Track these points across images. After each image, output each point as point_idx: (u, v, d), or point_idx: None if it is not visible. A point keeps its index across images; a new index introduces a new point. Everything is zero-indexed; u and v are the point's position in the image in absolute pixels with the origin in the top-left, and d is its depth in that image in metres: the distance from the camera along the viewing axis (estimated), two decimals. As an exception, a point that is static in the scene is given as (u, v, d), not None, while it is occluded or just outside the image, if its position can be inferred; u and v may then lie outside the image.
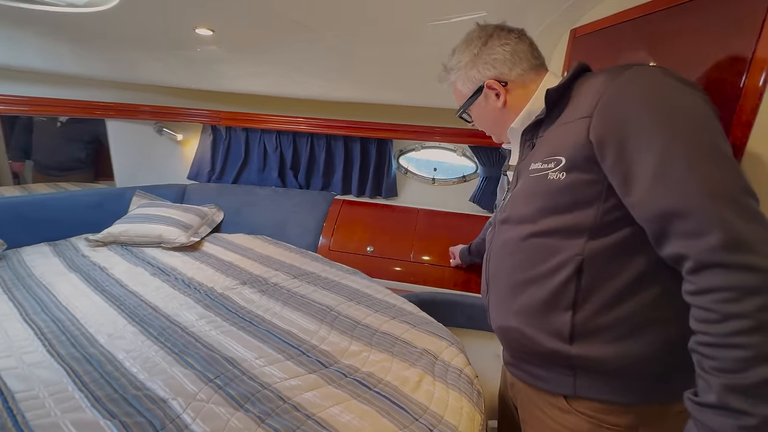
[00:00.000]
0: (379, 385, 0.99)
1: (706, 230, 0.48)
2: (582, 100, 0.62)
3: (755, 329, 0.45)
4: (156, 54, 1.83)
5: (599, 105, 0.58)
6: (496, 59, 0.73)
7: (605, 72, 0.62)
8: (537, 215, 0.66)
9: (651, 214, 0.53)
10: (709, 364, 0.49)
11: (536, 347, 0.68)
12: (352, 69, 1.77)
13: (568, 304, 0.63)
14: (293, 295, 1.47)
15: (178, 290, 1.45)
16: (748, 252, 0.46)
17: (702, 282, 0.49)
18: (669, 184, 0.51)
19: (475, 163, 2.33)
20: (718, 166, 0.50)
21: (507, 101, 0.75)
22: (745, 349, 0.46)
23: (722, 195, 0.48)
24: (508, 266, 0.72)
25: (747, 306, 0.46)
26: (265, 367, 1.03)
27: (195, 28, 1.49)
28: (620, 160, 0.55)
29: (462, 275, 1.98)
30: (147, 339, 1.12)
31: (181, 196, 2.38)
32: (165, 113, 2.32)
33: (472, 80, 0.76)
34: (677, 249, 0.51)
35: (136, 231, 1.86)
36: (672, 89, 0.55)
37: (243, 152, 2.45)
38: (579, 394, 0.66)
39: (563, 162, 0.62)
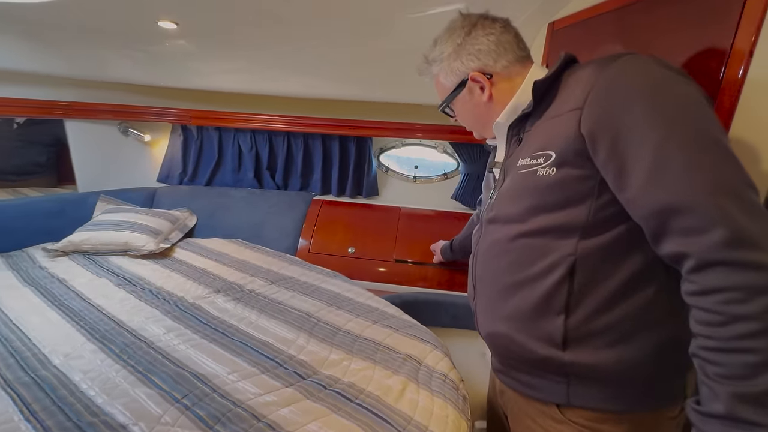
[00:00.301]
0: (361, 396, 0.94)
1: (708, 226, 0.45)
2: (571, 92, 0.59)
3: (764, 332, 0.42)
4: (119, 49, 1.71)
5: (590, 96, 0.55)
6: (480, 50, 0.69)
7: (594, 62, 0.59)
8: (526, 214, 0.63)
9: (648, 210, 0.50)
10: (714, 371, 0.46)
11: (527, 354, 0.65)
12: (330, 65, 1.71)
13: (560, 308, 0.60)
14: (270, 302, 1.39)
15: (145, 301, 1.35)
16: (753, 248, 0.43)
17: (705, 281, 0.46)
18: (667, 179, 0.48)
19: (457, 160, 2.30)
20: (718, 158, 0.47)
21: (492, 95, 0.71)
22: (754, 354, 0.43)
23: (724, 189, 0.45)
24: (497, 269, 0.69)
25: (755, 307, 0.43)
26: (238, 382, 0.96)
27: (157, 20, 1.39)
28: (614, 153, 0.52)
29: (445, 274, 1.95)
30: (108, 357, 1.03)
31: (151, 200, 2.26)
32: (131, 113, 2.19)
33: (456, 72, 0.72)
34: (678, 247, 0.48)
35: (100, 238, 1.74)
36: (665, 78, 0.52)
37: (216, 152, 2.34)
38: (572, 402, 0.64)
39: (553, 157, 0.58)
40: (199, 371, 1.00)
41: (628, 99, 0.52)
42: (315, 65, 1.73)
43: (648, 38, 0.90)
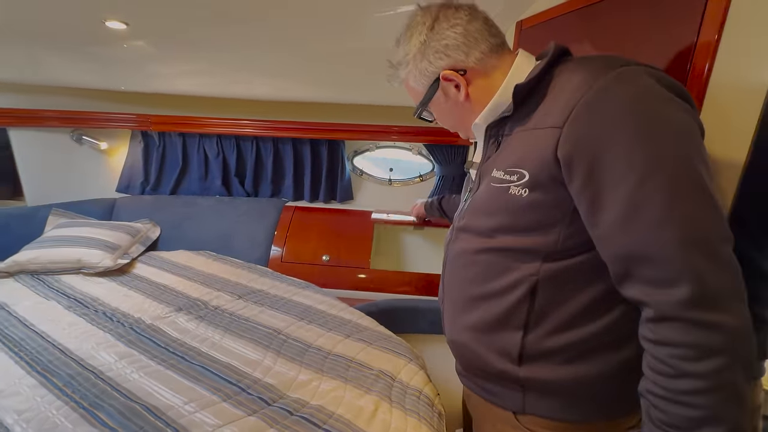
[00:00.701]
0: (330, 421, 0.88)
1: (674, 281, 0.44)
2: (556, 101, 0.53)
3: (710, 390, 0.43)
4: (64, 52, 1.58)
5: (572, 114, 0.49)
6: (448, 45, 0.61)
7: (586, 67, 0.52)
8: (494, 231, 0.61)
9: (617, 253, 0.49)
10: (657, 416, 0.47)
11: (484, 366, 0.65)
12: (298, 66, 1.64)
13: (519, 325, 0.59)
14: (236, 320, 1.31)
15: (97, 325, 1.24)
16: (714, 309, 0.43)
17: (662, 333, 0.46)
18: (640, 225, 0.46)
19: (432, 161, 2.27)
20: (698, 206, 0.45)
21: (470, 93, 0.64)
22: (699, 409, 0.44)
23: (698, 242, 0.44)
24: (463, 278, 0.67)
25: (705, 366, 0.43)
26: (195, 413, 0.88)
27: (104, 20, 1.28)
28: (589, 184, 0.49)
29: (423, 279, 1.91)
30: (49, 393, 0.93)
31: (110, 212, 2.12)
32: (84, 119, 2.05)
33: (425, 74, 0.64)
34: (640, 295, 0.48)
35: (49, 257, 1.61)
36: (659, 101, 0.47)
37: (181, 159, 2.22)
38: (528, 411, 0.63)
39: (526, 177, 0.55)
40: (151, 403, 0.91)
41: (611, 124, 0.47)
42: (283, 67, 1.65)
43: (614, 36, 0.89)
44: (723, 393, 0.43)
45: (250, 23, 1.28)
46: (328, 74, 1.70)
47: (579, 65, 0.55)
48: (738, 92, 0.67)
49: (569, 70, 0.55)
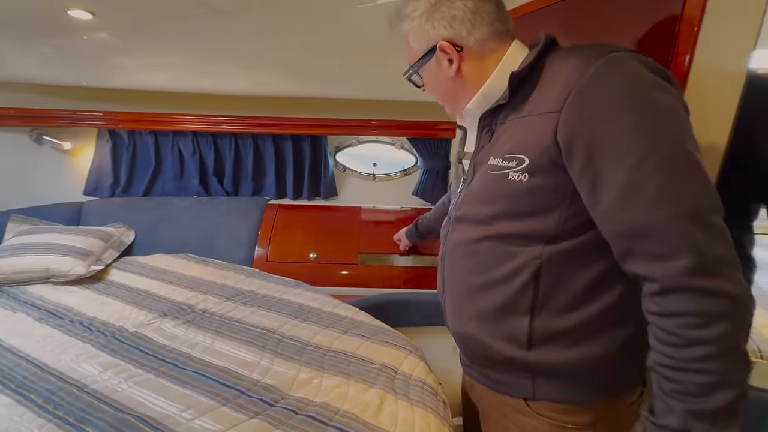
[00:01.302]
0: (336, 418, 0.86)
1: (674, 253, 0.46)
2: (550, 89, 0.54)
3: (719, 355, 0.45)
4: (23, 43, 1.46)
5: (569, 100, 0.51)
6: (455, 16, 0.61)
7: (578, 55, 0.54)
8: (494, 218, 0.61)
9: (618, 230, 0.51)
10: (670, 387, 0.48)
11: (494, 355, 0.66)
12: (275, 59, 1.59)
13: (525, 310, 0.60)
14: (227, 322, 1.26)
15: (75, 336, 1.16)
16: (715, 276, 0.45)
17: (668, 305, 0.48)
18: (639, 202, 0.48)
19: (415, 155, 2.27)
20: (692, 182, 0.47)
21: (462, 70, 0.64)
22: (710, 375, 0.45)
23: (694, 216, 0.46)
24: (463, 269, 0.67)
25: (712, 332, 0.45)
26: (194, 420, 0.84)
27: (67, 9, 1.19)
28: (589, 167, 0.50)
29: (411, 272, 1.92)
30: (28, 411, 0.86)
31: (77, 217, 1.98)
32: (44, 118, 1.90)
33: (426, 37, 0.64)
34: (643, 270, 0.49)
35: (13, 266, 1.49)
36: (650, 86, 0.49)
37: (153, 159, 2.11)
38: (538, 396, 0.65)
39: (526, 162, 0.56)
40: (144, 413, 0.86)
41: (608, 109, 0.49)
42: (257, 59, 1.60)
43: (599, 26, 0.92)
44: (730, 357, 0.45)
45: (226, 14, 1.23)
46: (305, 67, 1.66)
47: (570, 53, 0.56)
48: (718, 79, 0.70)
49: (560, 58, 0.56)
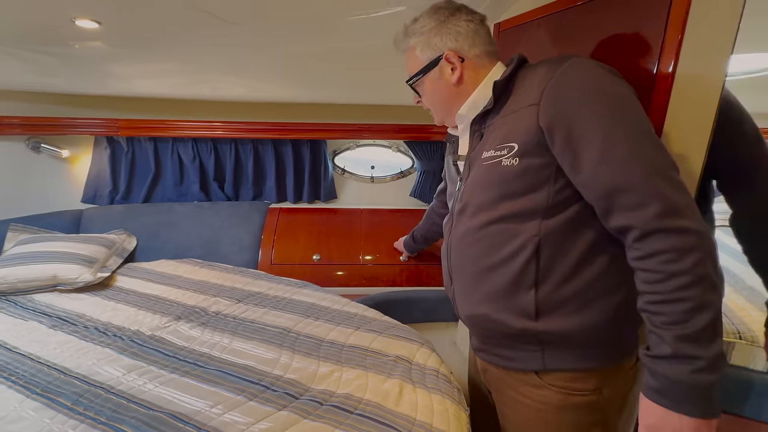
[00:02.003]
0: (360, 406, 0.91)
1: (647, 202, 0.55)
2: (528, 90, 0.65)
3: (694, 283, 0.52)
4: (26, 52, 1.46)
5: (545, 92, 0.62)
6: (460, 32, 0.73)
7: (546, 63, 0.66)
8: (493, 202, 0.69)
9: (599, 191, 0.59)
10: (659, 320, 0.55)
11: (505, 329, 0.72)
12: (273, 67, 1.63)
13: (530, 283, 0.67)
14: (241, 323, 1.30)
15: (92, 341, 1.18)
16: (681, 217, 0.54)
17: (647, 247, 0.55)
18: (614, 165, 0.57)
19: (411, 158, 2.34)
20: (653, 146, 0.57)
21: (462, 78, 0.75)
22: (688, 302, 0.52)
23: (658, 172, 0.56)
24: (471, 255, 0.73)
25: (686, 264, 0.53)
26: (224, 415, 0.88)
27: (74, 18, 1.21)
28: (568, 143, 0.60)
29: (413, 270, 1.98)
30: (58, 413, 0.88)
31: (77, 225, 1.97)
32: (42, 126, 1.89)
33: (433, 48, 0.75)
34: (623, 221, 0.58)
35: (20, 275, 1.48)
36: (607, 79, 0.61)
37: (153, 165, 2.12)
38: (548, 367, 0.71)
39: (516, 148, 0.65)
40: (175, 410, 0.89)
41: (580, 96, 0.60)
42: (257, 68, 1.64)
43: (586, 38, 0.99)
44: (704, 284, 0.52)
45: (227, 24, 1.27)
46: (302, 75, 1.71)
47: (539, 65, 0.68)
48: (700, 85, 0.77)
49: (532, 69, 0.69)
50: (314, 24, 1.27)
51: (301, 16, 1.21)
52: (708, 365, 0.52)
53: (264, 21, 1.24)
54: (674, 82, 0.81)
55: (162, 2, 1.09)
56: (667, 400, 0.54)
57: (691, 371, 0.52)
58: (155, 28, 1.32)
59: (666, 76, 0.81)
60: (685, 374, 0.53)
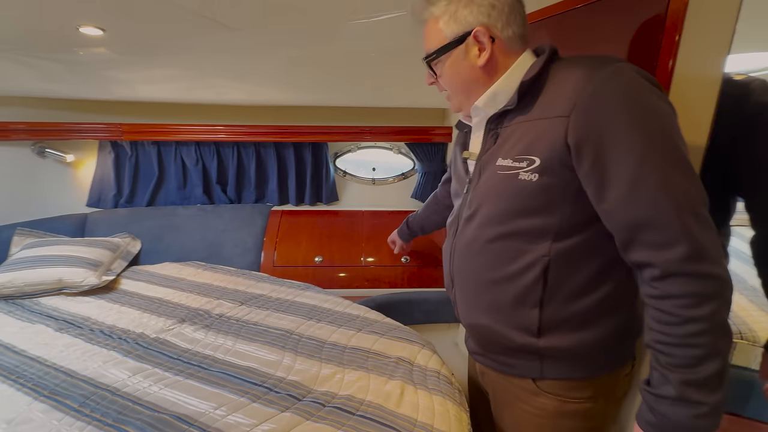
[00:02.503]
0: (362, 408, 0.92)
1: (673, 242, 0.52)
2: (558, 95, 0.59)
3: (709, 331, 0.52)
4: (31, 59, 1.48)
5: (578, 106, 0.56)
6: (495, 6, 0.63)
7: (583, 65, 0.59)
8: (505, 216, 0.65)
9: (623, 223, 0.56)
10: (666, 361, 0.54)
11: (507, 342, 0.71)
12: (275, 71, 1.65)
13: (535, 302, 0.66)
14: (245, 325, 1.31)
15: (97, 344, 1.19)
16: (706, 262, 0.51)
17: (666, 288, 0.53)
18: (643, 197, 0.53)
19: (413, 159, 2.35)
20: (685, 178, 0.53)
21: (490, 61, 0.65)
22: (700, 348, 0.52)
23: (688, 208, 0.52)
24: (476, 266, 0.72)
25: (704, 311, 0.51)
26: (228, 416, 0.89)
27: (78, 26, 1.23)
28: (596, 167, 0.56)
29: (414, 271, 1.99)
30: (65, 415, 0.90)
31: (82, 228, 2.00)
32: (47, 131, 1.91)
33: (461, 22, 0.64)
34: (644, 257, 0.55)
35: (26, 278, 1.50)
36: (646, 93, 0.55)
37: (156, 169, 2.14)
38: (546, 375, 0.71)
39: (537, 163, 0.60)
40: (180, 412, 0.91)
41: (613, 114, 0.54)
42: (259, 72, 1.65)
43: (588, 38, 1.00)
44: (718, 332, 0.52)
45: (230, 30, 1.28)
46: (304, 78, 1.72)
47: (575, 63, 0.61)
48: (698, 84, 0.77)
49: (565, 68, 0.61)
50: (316, 28, 1.28)
51: (302, 21, 1.22)
52: (711, 411, 0.52)
53: (266, 26, 1.26)
54: (672, 82, 0.82)
55: (165, 9, 1.11)
56: None
57: (694, 416, 0.52)
58: (158, 35, 1.34)
59: (664, 75, 0.81)
60: (686, 418, 0.53)
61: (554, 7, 1.09)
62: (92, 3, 1.05)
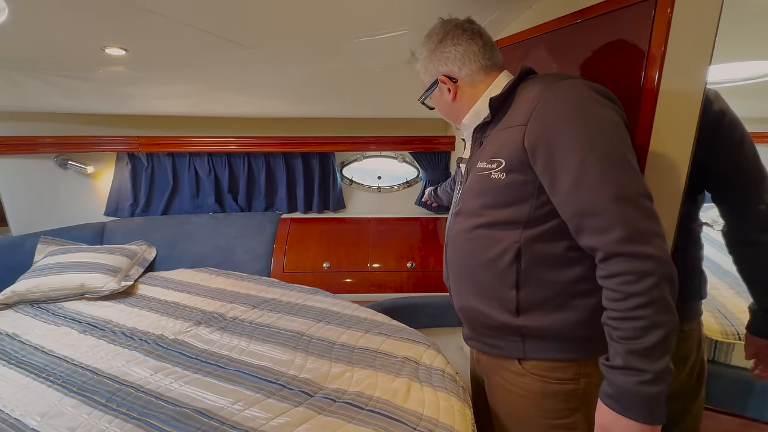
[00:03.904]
0: (371, 403, 0.98)
1: (611, 227, 0.60)
2: (521, 107, 0.70)
3: (648, 303, 0.58)
4: (48, 77, 1.58)
5: (533, 115, 0.67)
6: (448, 58, 0.80)
7: (542, 81, 0.71)
8: (481, 209, 0.76)
9: (571, 212, 0.65)
10: (616, 334, 0.61)
11: (491, 321, 0.79)
12: (284, 85, 1.73)
13: (512, 284, 0.74)
14: (257, 327, 1.38)
15: (120, 345, 1.26)
16: (643, 243, 0.58)
17: (609, 268, 0.61)
18: (585, 189, 0.62)
19: (417, 168, 2.42)
20: (623, 173, 0.61)
21: (457, 97, 0.82)
22: (642, 320, 0.58)
23: (626, 198, 0.60)
24: (463, 254, 0.81)
25: (642, 286, 0.58)
26: (245, 410, 0.95)
27: (104, 47, 1.33)
28: (548, 165, 0.65)
29: (419, 276, 2.04)
30: (94, 410, 0.96)
31: (100, 237, 2.08)
32: (71, 144, 2.02)
33: (430, 72, 0.83)
34: (590, 242, 0.63)
35: (51, 284, 1.59)
36: (591, 103, 0.64)
37: (171, 179, 2.23)
38: (528, 355, 0.77)
39: (503, 164, 0.71)
40: (200, 407, 0.97)
41: (561, 121, 0.64)
42: (267, 87, 1.74)
43: (578, 55, 1.06)
44: (657, 305, 0.57)
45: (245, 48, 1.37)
46: (311, 91, 1.81)
47: (536, 81, 0.72)
48: (682, 96, 0.83)
49: (529, 85, 0.73)
50: (323, 46, 1.37)
51: (311, 39, 1.31)
52: (654, 378, 0.57)
53: (277, 45, 1.35)
54: (659, 95, 0.88)
55: (186, 31, 1.20)
56: (617, 405, 0.61)
57: (638, 382, 0.58)
58: (176, 54, 1.44)
59: (651, 89, 0.87)
60: (632, 384, 0.58)
61: (548, 24, 1.16)
62: (122, 26, 1.13)
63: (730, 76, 1.28)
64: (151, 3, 0.99)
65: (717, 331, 1.38)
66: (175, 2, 0.99)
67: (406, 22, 1.18)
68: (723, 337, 1.37)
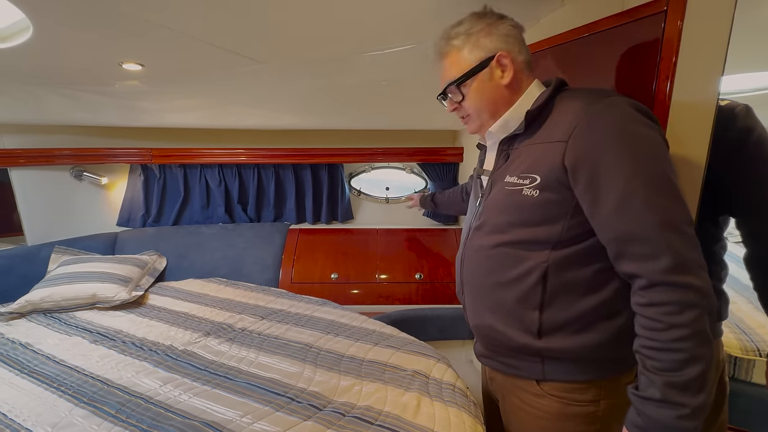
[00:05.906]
0: (381, 418, 0.96)
1: (657, 254, 0.58)
2: (559, 122, 0.67)
3: (690, 336, 0.56)
4: (68, 91, 1.64)
5: (575, 133, 0.63)
6: (509, 35, 0.72)
7: (583, 97, 0.67)
8: (508, 226, 0.72)
9: (612, 236, 0.63)
10: (652, 364, 0.59)
11: (509, 342, 0.76)
12: (294, 98, 1.76)
13: (536, 305, 0.71)
14: (266, 338, 1.37)
15: (130, 355, 1.27)
16: (688, 274, 0.57)
17: (651, 296, 0.59)
18: (629, 214, 0.60)
19: (425, 179, 2.43)
20: (669, 199, 0.59)
21: (514, 79, 0.72)
22: (683, 353, 0.56)
23: (671, 225, 0.58)
24: (482, 270, 0.78)
25: (686, 318, 0.56)
26: (254, 424, 0.94)
27: (122, 62, 1.37)
28: (590, 186, 0.63)
29: (428, 288, 2.03)
30: (104, 421, 0.96)
31: (112, 247, 2.11)
32: (87, 156, 2.07)
33: (484, 48, 0.72)
34: (631, 268, 0.61)
35: (63, 293, 1.61)
36: (636, 124, 0.62)
37: (182, 190, 2.27)
38: (548, 377, 0.75)
39: (538, 181, 0.68)
40: (209, 419, 0.96)
41: (605, 141, 0.61)
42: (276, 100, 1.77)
43: (588, 68, 1.06)
44: (699, 338, 0.56)
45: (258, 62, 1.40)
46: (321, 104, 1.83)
47: (576, 95, 0.69)
48: (694, 108, 0.82)
49: (568, 98, 0.70)
50: (333, 60, 1.39)
51: (321, 54, 1.33)
52: (692, 413, 0.56)
53: (288, 59, 1.38)
54: (671, 107, 0.87)
55: (202, 47, 1.23)
56: None
57: (676, 417, 0.56)
58: (190, 69, 1.47)
59: (662, 101, 0.86)
60: (670, 419, 0.56)
61: (559, 37, 1.17)
62: (139, 42, 1.17)
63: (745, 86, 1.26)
64: (167, 20, 1.02)
65: (736, 347, 1.34)
66: (190, 19, 1.02)
67: (413, 36, 1.20)
68: (743, 353, 1.32)
